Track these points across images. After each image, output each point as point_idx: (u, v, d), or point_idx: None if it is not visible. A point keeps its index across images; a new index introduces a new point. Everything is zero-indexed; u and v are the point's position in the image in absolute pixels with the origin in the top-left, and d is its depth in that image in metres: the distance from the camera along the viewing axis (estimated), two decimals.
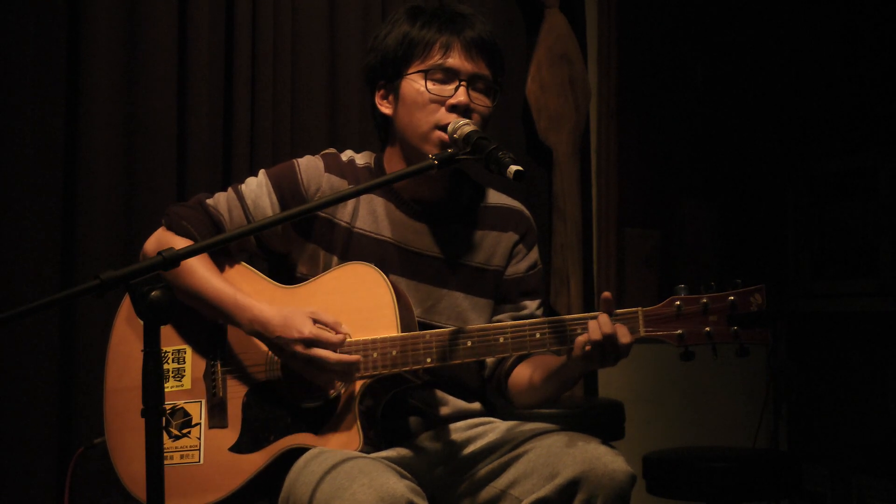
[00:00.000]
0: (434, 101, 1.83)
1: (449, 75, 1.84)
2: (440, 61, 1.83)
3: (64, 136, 2.52)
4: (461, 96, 1.82)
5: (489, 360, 1.96)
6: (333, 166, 1.92)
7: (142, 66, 2.62)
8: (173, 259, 1.39)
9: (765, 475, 2.89)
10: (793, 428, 4.02)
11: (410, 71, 1.85)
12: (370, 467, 1.62)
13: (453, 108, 1.82)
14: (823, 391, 3.89)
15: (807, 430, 3.97)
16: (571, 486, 1.67)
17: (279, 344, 1.74)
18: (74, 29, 2.54)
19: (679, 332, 1.69)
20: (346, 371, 1.74)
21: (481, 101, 1.86)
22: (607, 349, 1.66)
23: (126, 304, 1.91)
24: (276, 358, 1.81)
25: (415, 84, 1.85)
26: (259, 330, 1.76)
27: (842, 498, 3.76)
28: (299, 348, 1.71)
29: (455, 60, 1.84)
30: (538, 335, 1.74)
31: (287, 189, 1.88)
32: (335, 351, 1.72)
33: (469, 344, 1.76)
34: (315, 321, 1.74)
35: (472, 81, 1.85)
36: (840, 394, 3.81)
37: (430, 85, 1.83)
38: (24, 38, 2.47)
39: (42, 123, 2.49)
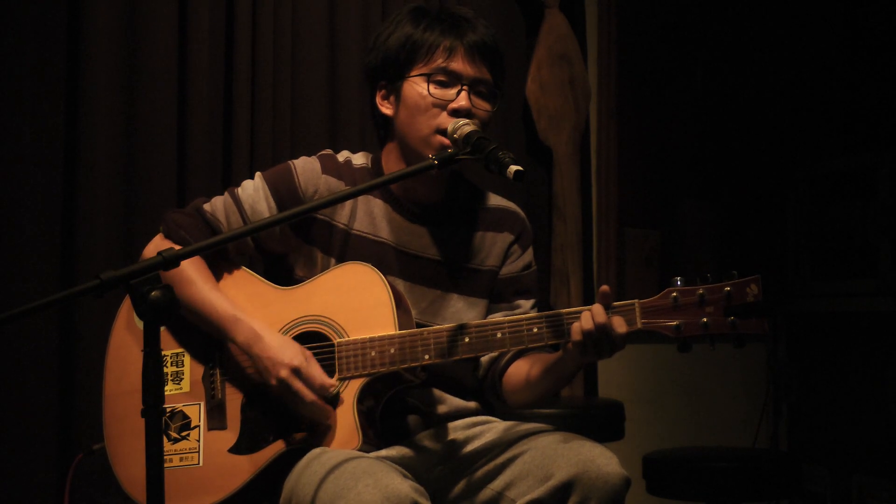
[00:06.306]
0: (436, 104, 1.83)
1: (451, 79, 1.84)
2: (443, 65, 1.83)
3: (64, 135, 2.52)
4: (462, 100, 1.82)
5: (483, 360, 1.97)
6: (330, 167, 1.91)
7: (142, 66, 2.61)
8: (173, 259, 1.40)
9: (765, 475, 2.89)
10: (793, 428, 4.02)
11: (413, 73, 1.85)
12: (375, 467, 1.62)
13: (455, 113, 1.82)
14: (823, 391, 3.89)
15: (807, 430, 3.97)
16: (565, 488, 1.67)
17: (266, 364, 1.75)
18: (74, 29, 2.54)
19: (676, 323, 1.69)
20: (317, 415, 1.75)
21: (482, 106, 1.86)
22: (601, 340, 1.66)
23: (124, 310, 1.91)
24: None
25: (417, 87, 1.85)
26: (253, 346, 1.76)
27: (842, 498, 3.76)
28: (284, 373, 1.72)
29: (458, 64, 1.84)
30: (535, 329, 1.74)
31: (284, 192, 1.88)
32: (314, 393, 1.73)
33: (467, 340, 1.76)
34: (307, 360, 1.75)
35: (473, 86, 1.85)
36: (840, 394, 3.81)
37: (432, 89, 1.83)
38: (24, 38, 2.47)
39: (42, 123, 2.48)
